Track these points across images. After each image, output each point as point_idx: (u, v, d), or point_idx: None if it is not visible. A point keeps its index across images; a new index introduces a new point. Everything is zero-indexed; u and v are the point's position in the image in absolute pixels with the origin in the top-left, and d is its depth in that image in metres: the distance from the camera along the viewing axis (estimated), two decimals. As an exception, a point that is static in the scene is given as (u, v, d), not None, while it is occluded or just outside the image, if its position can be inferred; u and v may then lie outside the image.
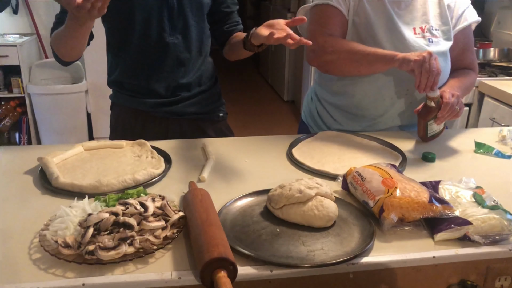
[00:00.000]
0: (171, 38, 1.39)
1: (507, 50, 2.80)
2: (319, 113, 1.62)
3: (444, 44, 1.45)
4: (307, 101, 1.72)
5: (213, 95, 1.58)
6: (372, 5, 1.42)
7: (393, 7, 1.43)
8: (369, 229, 0.88)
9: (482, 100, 2.49)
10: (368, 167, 1.02)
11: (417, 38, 1.42)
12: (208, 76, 1.54)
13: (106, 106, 1.60)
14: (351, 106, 1.50)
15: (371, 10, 1.41)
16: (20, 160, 1.19)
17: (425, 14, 1.45)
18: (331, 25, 1.43)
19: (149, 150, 1.24)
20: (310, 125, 1.65)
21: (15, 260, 0.78)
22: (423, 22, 1.45)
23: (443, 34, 1.46)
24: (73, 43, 1.24)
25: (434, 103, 1.31)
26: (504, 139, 1.41)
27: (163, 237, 0.81)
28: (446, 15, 1.47)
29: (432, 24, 1.45)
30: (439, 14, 1.47)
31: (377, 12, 1.42)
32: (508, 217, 0.88)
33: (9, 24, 3.61)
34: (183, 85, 1.46)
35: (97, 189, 1.02)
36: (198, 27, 1.43)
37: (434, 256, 0.84)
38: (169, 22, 1.38)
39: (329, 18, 1.43)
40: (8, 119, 3.50)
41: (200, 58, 1.48)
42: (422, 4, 1.46)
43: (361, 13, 1.42)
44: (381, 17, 1.42)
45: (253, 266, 0.78)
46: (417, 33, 1.43)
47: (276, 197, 0.93)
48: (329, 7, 1.43)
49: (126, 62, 1.43)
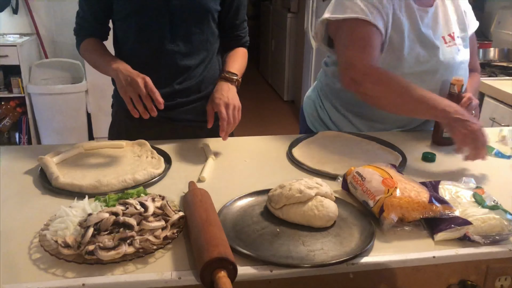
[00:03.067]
0: (171, 45, 1.35)
1: (507, 50, 2.80)
2: (332, 120, 1.52)
3: (465, 51, 1.41)
4: (309, 106, 1.61)
5: None
6: (407, 18, 1.31)
7: (422, 17, 1.33)
8: (369, 229, 0.88)
9: (482, 100, 2.49)
10: (368, 167, 1.02)
11: (448, 48, 1.36)
12: (210, 82, 1.45)
13: (106, 106, 1.59)
14: (374, 113, 1.43)
15: (405, 22, 1.31)
16: (20, 160, 1.19)
17: (448, 21, 1.39)
18: (372, 49, 1.26)
19: (149, 150, 1.24)
20: (319, 130, 1.54)
21: (15, 260, 0.78)
22: (449, 30, 1.39)
23: (463, 41, 1.42)
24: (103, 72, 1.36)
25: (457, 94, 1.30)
26: (504, 139, 1.41)
27: (163, 237, 0.81)
28: (464, 21, 1.42)
29: (456, 32, 1.40)
30: (457, 20, 1.42)
31: (412, 25, 1.32)
32: (508, 217, 0.89)
33: (9, 24, 3.61)
34: (181, 91, 1.41)
35: (97, 189, 1.02)
36: (202, 34, 1.39)
37: (434, 256, 0.84)
38: (170, 29, 1.34)
39: (369, 39, 1.27)
40: (8, 119, 3.50)
41: (202, 65, 1.42)
42: (444, 11, 1.39)
43: (397, 28, 1.30)
44: (416, 30, 1.33)
45: (253, 266, 0.78)
46: (447, 41, 1.37)
47: (276, 197, 0.93)
48: (366, 24, 1.26)
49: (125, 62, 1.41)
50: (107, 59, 1.32)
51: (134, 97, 1.17)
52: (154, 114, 1.17)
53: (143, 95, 1.16)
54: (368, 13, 1.26)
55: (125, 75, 1.20)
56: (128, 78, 1.18)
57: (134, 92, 1.17)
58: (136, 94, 1.16)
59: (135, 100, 1.17)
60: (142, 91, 1.16)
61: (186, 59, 1.38)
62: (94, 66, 1.39)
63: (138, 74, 1.20)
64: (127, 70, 1.22)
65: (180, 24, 1.35)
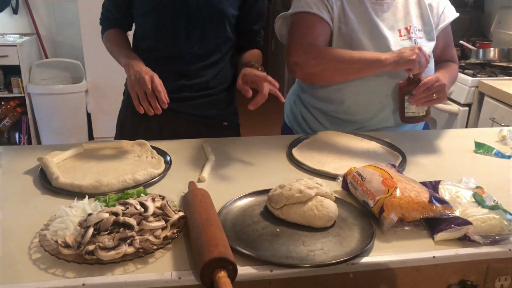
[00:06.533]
0: (185, 47, 1.37)
1: (507, 50, 2.80)
2: (304, 118, 1.57)
3: (428, 45, 1.43)
4: (289, 104, 1.67)
5: (221, 101, 1.50)
6: (355, 11, 1.39)
7: (376, 11, 1.40)
8: (369, 229, 0.88)
9: (482, 100, 2.49)
10: (368, 167, 1.02)
11: (402, 41, 1.40)
12: (220, 82, 1.47)
13: (106, 106, 1.61)
14: (340, 111, 1.47)
15: (354, 17, 1.38)
16: (20, 160, 1.19)
17: (407, 14, 1.43)
18: (314, 34, 1.36)
19: (149, 150, 1.24)
20: (295, 129, 1.61)
21: (15, 260, 0.78)
22: (407, 23, 1.42)
23: (426, 34, 1.44)
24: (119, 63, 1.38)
25: (414, 76, 1.34)
26: (504, 139, 1.41)
27: (163, 237, 0.81)
28: (428, 15, 1.45)
29: (415, 25, 1.43)
30: (420, 14, 1.45)
31: (361, 18, 1.38)
32: (508, 217, 0.89)
33: (9, 24, 3.61)
34: (189, 86, 1.43)
35: (97, 189, 1.02)
36: (218, 37, 1.40)
37: (434, 256, 0.84)
38: (186, 30, 1.36)
39: (311, 27, 1.37)
40: (8, 119, 3.50)
41: (214, 66, 1.43)
42: (404, 5, 1.43)
43: (345, 21, 1.37)
44: (365, 23, 1.38)
45: (253, 266, 0.78)
46: (403, 34, 1.41)
47: (276, 197, 0.93)
48: (310, 15, 1.37)
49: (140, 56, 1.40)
50: (123, 52, 1.36)
51: (140, 94, 1.19)
52: (158, 112, 1.19)
53: (148, 93, 1.18)
54: (313, 6, 1.37)
55: (135, 71, 1.22)
56: (137, 75, 1.21)
57: (140, 89, 1.19)
58: (142, 91, 1.18)
59: (140, 97, 1.19)
60: (148, 89, 1.17)
61: (199, 60, 1.40)
62: (113, 56, 1.43)
63: (147, 71, 1.22)
64: (138, 66, 1.25)
65: (196, 26, 1.37)
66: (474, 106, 2.55)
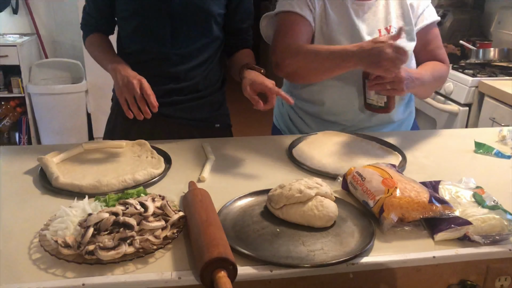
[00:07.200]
0: (171, 48, 1.35)
1: (507, 50, 2.79)
2: (291, 118, 1.56)
3: (408, 45, 1.42)
4: (277, 105, 1.65)
5: (212, 103, 1.49)
6: (336, 11, 1.38)
7: (356, 11, 1.39)
8: (369, 229, 0.88)
9: (482, 100, 2.49)
10: (368, 167, 1.02)
11: None
12: (209, 83, 1.45)
13: (106, 106, 1.60)
14: (322, 113, 1.47)
15: (335, 17, 1.37)
16: (20, 160, 1.19)
17: (388, 14, 1.42)
18: (295, 34, 1.36)
19: (149, 150, 1.23)
20: (283, 129, 1.60)
21: (15, 260, 0.78)
22: (387, 23, 1.41)
23: (407, 34, 1.43)
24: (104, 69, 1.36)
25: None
26: (504, 139, 1.41)
27: (163, 237, 0.81)
28: (409, 15, 1.43)
29: (394, 26, 1.41)
30: (402, 14, 1.44)
31: (341, 18, 1.38)
32: (508, 217, 0.89)
33: (9, 24, 3.61)
34: (177, 89, 1.40)
35: (97, 189, 1.02)
36: (204, 37, 1.38)
37: (434, 256, 0.84)
38: (171, 31, 1.34)
39: (292, 26, 1.37)
40: (8, 119, 3.50)
41: (202, 67, 1.41)
42: (385, 5, 1.42)
43: (326, 21, 1.37)
44: (344, 23, 1.38)
45: (253, 266, 0.78)
46: (383, 35, 1.39)
47: (276, 197, 0.93)
48: (292, 14, 1.36)
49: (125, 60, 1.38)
50: (108, 57, 1.33)
51: (129, 99, 1.16)
52: (148, 116, 1.17)
53: (137, 97, 1.15)
54: (295, 6, 1.37)
55: (123, 76, 1.20)
56: (124, 79, 1.18)
57: (129, 94, 1.16)
58: (131, 96, 1.16)
59: (130, 102, 1.17)
60: (137, 93, 1.15)
61: (186, 61, 1.38)
62: (97, 61, 1.40)
63: (135, 75, 1.19)
64: (125, 70, 1.22)
65: (181, 27, 1.34)
66: (474, 106, 2.55)
